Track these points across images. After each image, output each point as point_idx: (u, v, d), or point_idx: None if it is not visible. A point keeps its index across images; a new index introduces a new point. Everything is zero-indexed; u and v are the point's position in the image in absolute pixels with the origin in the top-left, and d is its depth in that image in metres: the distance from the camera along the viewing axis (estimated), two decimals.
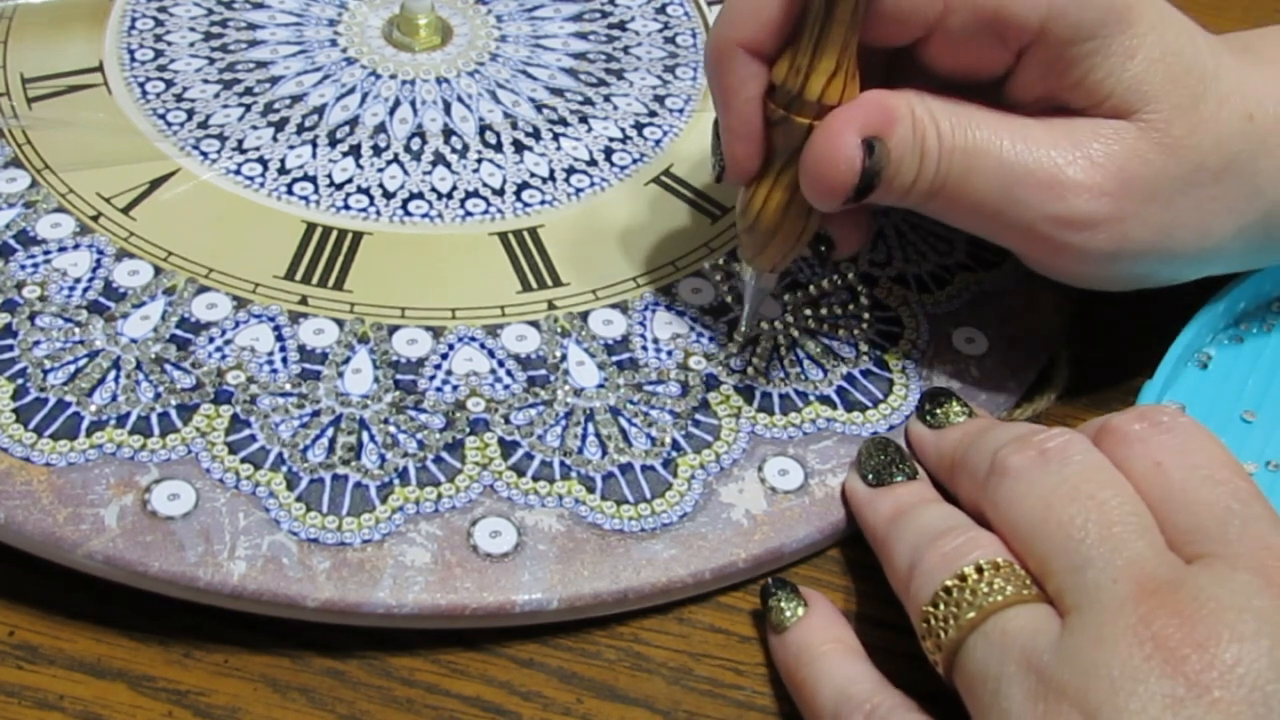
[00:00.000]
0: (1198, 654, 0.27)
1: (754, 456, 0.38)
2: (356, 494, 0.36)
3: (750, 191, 0.37)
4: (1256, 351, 0.43)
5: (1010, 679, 0.29)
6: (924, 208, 0.37)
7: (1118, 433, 0.32)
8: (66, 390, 0.37)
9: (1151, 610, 0.28)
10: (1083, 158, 0.35)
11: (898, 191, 0.36)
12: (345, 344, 0.39)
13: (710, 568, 0.36)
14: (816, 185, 0.35)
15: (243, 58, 0.49)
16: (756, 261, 0.38)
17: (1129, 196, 0.36)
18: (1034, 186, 0.35)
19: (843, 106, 0.35)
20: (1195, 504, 0.30)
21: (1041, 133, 0.36)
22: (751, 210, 0.37)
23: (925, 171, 0.35)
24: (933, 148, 0.35)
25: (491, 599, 0.34)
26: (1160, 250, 0.37)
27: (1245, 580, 0.28)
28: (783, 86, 0.35)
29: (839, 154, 0.34)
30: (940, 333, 0.42)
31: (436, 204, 0.44)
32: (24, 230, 0.41)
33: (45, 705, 0.33)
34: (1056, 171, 0.35)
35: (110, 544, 0.34)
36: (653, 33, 0.52)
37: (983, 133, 0.35)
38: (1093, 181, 0.35)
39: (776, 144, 0.36)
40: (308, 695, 0.34)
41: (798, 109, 0.35)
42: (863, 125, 0.34)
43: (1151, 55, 0.35)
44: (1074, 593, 0.29)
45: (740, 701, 0.35)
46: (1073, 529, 0.30)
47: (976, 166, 0.35)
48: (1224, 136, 0.36)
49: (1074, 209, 0.35)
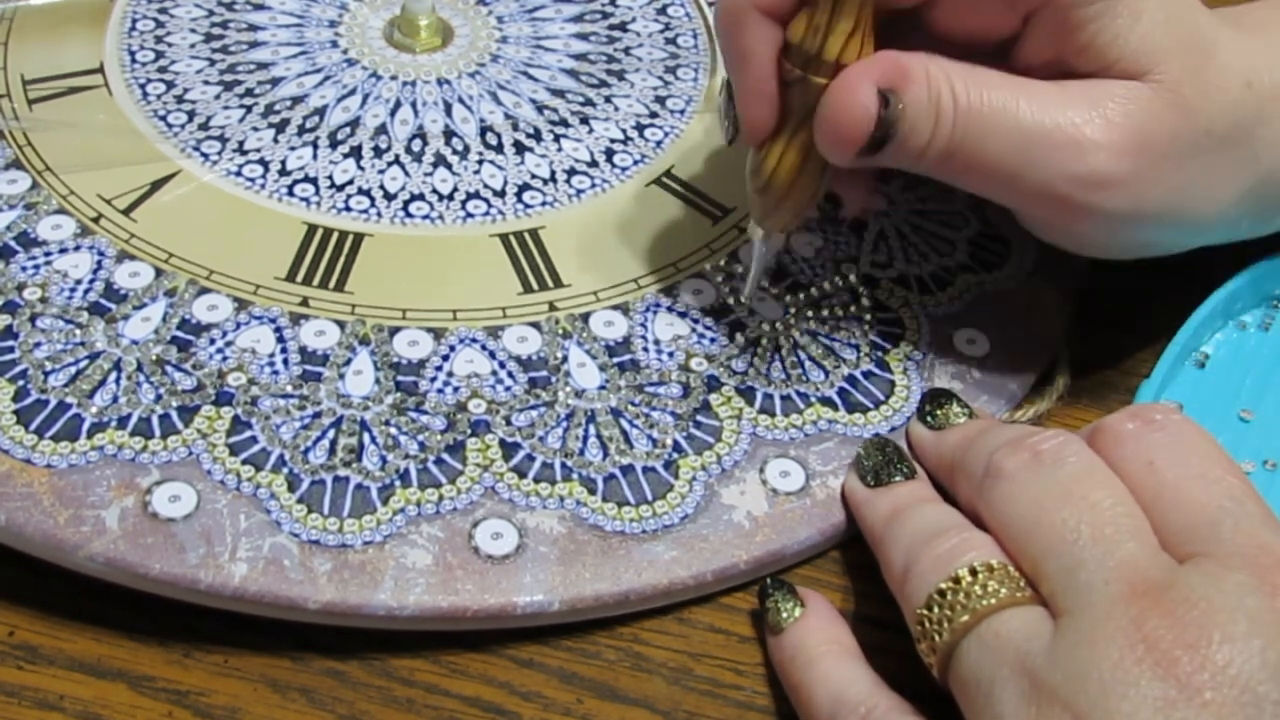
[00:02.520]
0: (1189, 655, 0.27)
1: (755, 458, 0.38)
2: (358, 496, 0.36)
3: (763, 152, 0.37)
4: (1254, 350, 0.43)
5: (1003, 682, 0.29)
6: (939, 171, 0.36)
7: (1110, 432, 0.32)
8: (67, 392, 0.37)
9: (1143, 612, 0.28)
10: (1100, 117, 0.35)
11: (913, 152, 0.35)
12: (346, 345, 0.39)
13: (711, 569, 0.36)
14: (832, 136, 0.35)
15: (243, 59, 0.49)
16: (767, 223, 0.38)
17: (1146, 155, 0.36)
18: (1053, 147, 0.35)
19: (858, 63, 0.35)
20: (1188, 503, 0.30)
21: (1057, 94, 0.35)
22: (764, 171, 0.37)
23: (940, 132, 0.35)
24: (948, 108, 0.35)
25: (493, 601, 0.34)
26: (1172, 213, 0.37)
27: (1238, 580, 0.28)
28: (799, 46, 0.35)
29: (856, 104, 0.34)
30: (941, 334, 0.42)
31: (438, 205, 0.44)
32: (25, 232, 0.41)
33: (45, 705, 0.33)
34: (1075, 131, 0.35)
35: (111, 546, 0.34)
36: (654, 34, 0.52)
37: (998, 94, 0.35)
38: (1111, 141, 0.35)
39: (792, 104, 0.36)
40: (308, 695, 0.34)
41: (815, 69, 0.35)
42: (880, 78, 0.34)
43: (1156, 17, 0.35)
44: (1066, 595, 0.29)
45: (740, 702, 0.34)
46: (1065, 531, 0.30)
47: (993, 128, 0.35)
48: (1227, 102, 0.36)
49: (1095, 168, 0.35)
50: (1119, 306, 0.44)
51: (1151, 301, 0.42)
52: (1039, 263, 0.44)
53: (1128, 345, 0.43)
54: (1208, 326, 0.42)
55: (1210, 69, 0.36)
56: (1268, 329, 0.43)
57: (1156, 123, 0.36)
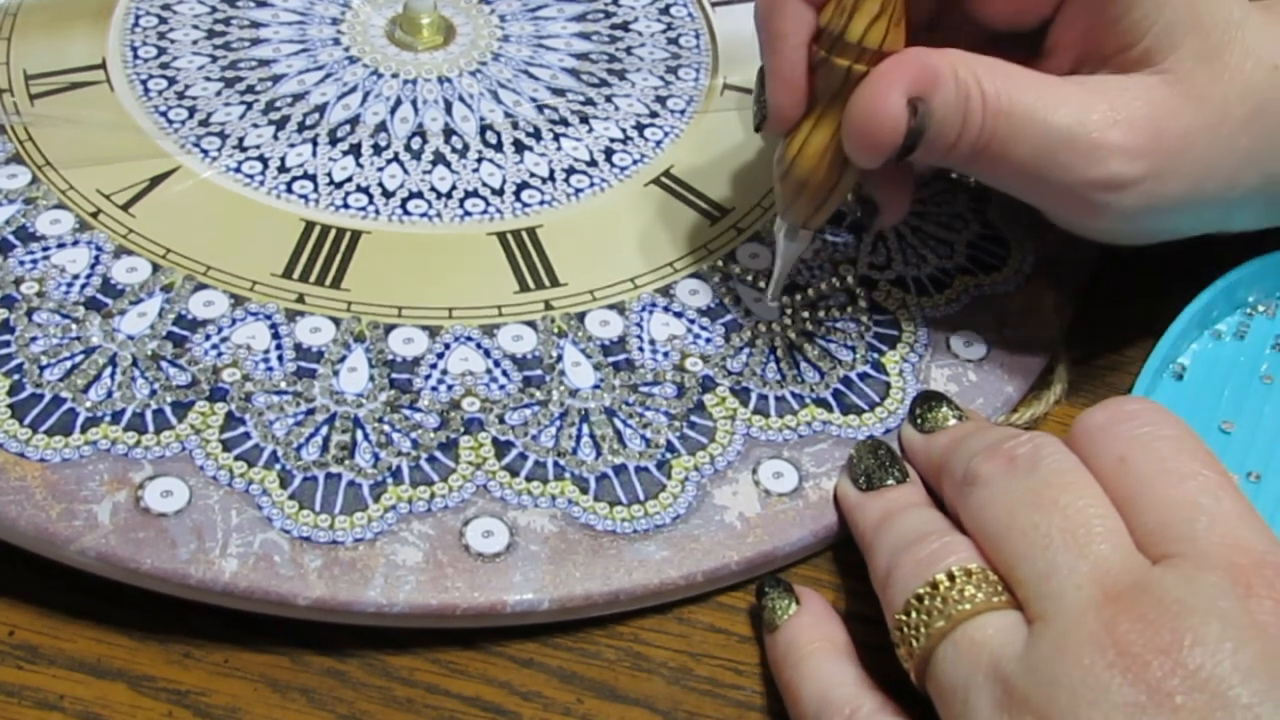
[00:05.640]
0: (1160, 660, 0.27)
1: (749, 459, 0.38)
2: (349, 492, 0.36)
3: (788, 139, 0.37)
4: (1231, 359, 0.42)
5: (978, 688, 0.29)
6: (964, 167, 0.37)
7: (1082, 429, 0.32)
8: (62, 386, 0.37)
9: (1114, 616, 0.27)
10: (1123, 120, 0.36)
11: (939, 151, 0.36)
12: (341, 342, 0.39)
13: (702, 570, 0.36)
14: (861, 142, 0.35)
15: (245, 56, 0.49)
16: (789, 213, 0.38)
17: (1162, 153, 0.36)
18: (1074, 152, 0.36)
19: (887, 63, 0.35)
20: (1161, 501, 0.30)
21: (1081, 95, 0.36)
22: (786, 157, 0.37)
23: (968, 133, 0.36)
24: (976, 110, 0.35)
25: (483, 599, 0.34)
26: (1190, 202, 0.37)
27: (1211, 581, 0.28)
28: (826, 28, 0.36)
29: (885, 112, 0.35)
30: (939, 336, 0.42)
31: (435, 203, 0.44)
32: (23, 226, 0.41)
33: (45, 705, 0.33)
34: (1099, 136, 0.35)
35: (103, 540, 0.34)
36: (655, 34, 0.52)
37: (1026, 97, 0.36)
38: (1131, 144, 0.36)
39: (817, 88, 0.36)
40: (308, 695, 0.34)
41: (838, 51, 0.35)
42: (909, 85, 0.35)
43: (1181, 1, 0.36)
44: (1040, 600, 0.29)
45: (740, 701, 0.34)
46: (1036, 536, 0.30)
47: (1020, 132, 0.36)
48: (1250, 86, 0.37)
49: (1112, 172, 0.36)
50: (1119, 309, 0.44)
51: (1152, 303, 0.41)
52: (1038, 266, 0.44)
53: (1127, 348, 0.43)
54: (1185, 337, 0.42)
55: (1231, 52, 0.36)
56: (1243, 337, 0.43)
57: (1171, 118, 0.36)
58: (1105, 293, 0.44)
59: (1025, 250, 0.44)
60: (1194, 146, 0.36)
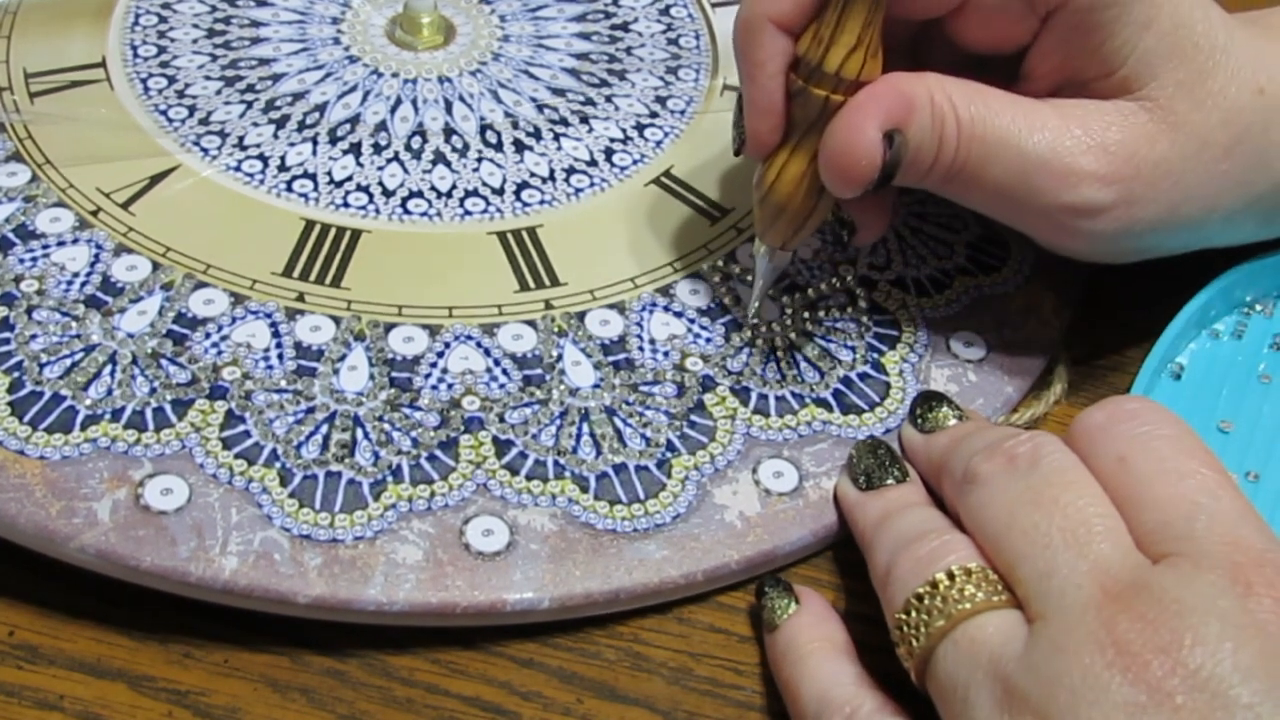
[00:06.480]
0: (1160, 659, 0.27)
1: (749, 458, 0.38)
2: (350, 491, 0.36)
3: (766, 164, 0.37)
4: (1228, 358, 0.42)
5: (978, 688, 0.29)
6: (940, 190, 0.37)
7: (1081, 428, 0.32)
8: (62, 384, 0.37)
9: (1114, 615, 0.27)
10: (1097, 146, 0.36)
11: (915, 175, 0.36)
12: (341, 341, 0.39)
13: (702, 569, 0.36)
14: (837, 176, 0.35)
15: (245, 55, 0.49)
16: (768, 236, 0.38)
17: (1138, 180, 0.36)
18: (1049, 175, 0.36)
19: (862, 93, 0.35)
20: (1160, 500, 0.30)
21: (1057, 121, 0.36)
22: (765, 182, 0.37)
23: (943, 157, 0.36)
24: (951, 135, 0.35)
25: (483, 597, 0.34)
26: (1167, 225, 0.37)
27: (1210, 580, 0.28)
28: (804, 58, 0.36)
29: (859, 147, 0.35)
30: (938, 336, 0.42)
31: (436, 203, 0.44)
32: (23, 224, 0.41)
33: (45, 705, 0.33)
34: (1072, 161, 0.36)
35: (102, 538, 0.34)
36: (656, 34, 0.52)
37: (1001, 121, 0.36)
38: (1104, 170, 0.36)
39: (795, 116, 0.36)
40: (308, 695, 0.34)
41: (816, 81, 0.35)
42: (884, 118, 0.35)
43: (1164, 28, 0.36)
44: (1040, 600, 0.29)
45: (740, 701, 0.34)
46: (1036, 535, 0.30)
47: (994, 156, 0.36)
48: (1233, 110, 0.37)
49: (1085, 198, 0.36)
50: (1118, 309, 0.44)
51: (1152, 304, 0.41)
52: (1037, 266, 0.44)
53: (1126, 347, 0.43)
54: (1184, 337, 0.42)
55: (1215, 78, 0.36)
56: (1240, 336, 0.43)
57: (1148, 146, 0.36)
58: (1104, 293, 0.44)
59: (1025, 251, 0.44)
60: (1170, 173, 0.36)
